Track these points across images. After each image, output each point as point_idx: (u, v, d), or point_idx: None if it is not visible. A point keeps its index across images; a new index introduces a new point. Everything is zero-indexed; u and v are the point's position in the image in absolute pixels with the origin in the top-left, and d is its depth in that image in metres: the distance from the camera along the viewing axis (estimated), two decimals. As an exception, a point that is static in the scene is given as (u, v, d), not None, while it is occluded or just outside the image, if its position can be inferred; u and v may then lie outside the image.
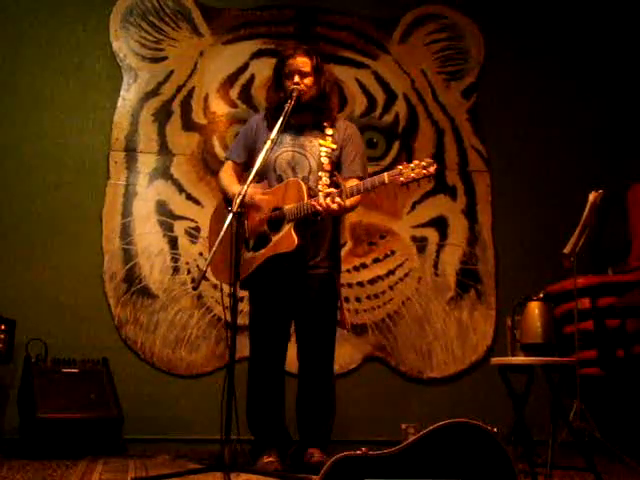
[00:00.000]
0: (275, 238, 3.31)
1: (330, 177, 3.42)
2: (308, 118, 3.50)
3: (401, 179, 3.03)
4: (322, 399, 3.50)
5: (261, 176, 3.49)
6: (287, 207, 3.29)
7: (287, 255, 3.26)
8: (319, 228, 3.37)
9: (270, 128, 3.37)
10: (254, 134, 3.57)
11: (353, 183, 3.35)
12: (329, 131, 3.49)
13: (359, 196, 3.35)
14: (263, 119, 3.58)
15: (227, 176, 3.58)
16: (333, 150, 3.46)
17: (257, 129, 3.57)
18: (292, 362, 3.59)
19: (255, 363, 3.50)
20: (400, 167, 3.06)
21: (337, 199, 3.17)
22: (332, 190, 3.23)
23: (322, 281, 3.43)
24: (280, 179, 3.45)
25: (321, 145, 3.45)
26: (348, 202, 3.28)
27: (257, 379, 3.48)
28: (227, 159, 3.70)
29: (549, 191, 4.99)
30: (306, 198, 3.25)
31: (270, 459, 3.33)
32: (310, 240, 3.34)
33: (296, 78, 3.41)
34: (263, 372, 3.47)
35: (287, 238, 3.26)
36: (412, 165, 3.03)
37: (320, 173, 3.40)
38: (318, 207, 3.18)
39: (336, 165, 3.49)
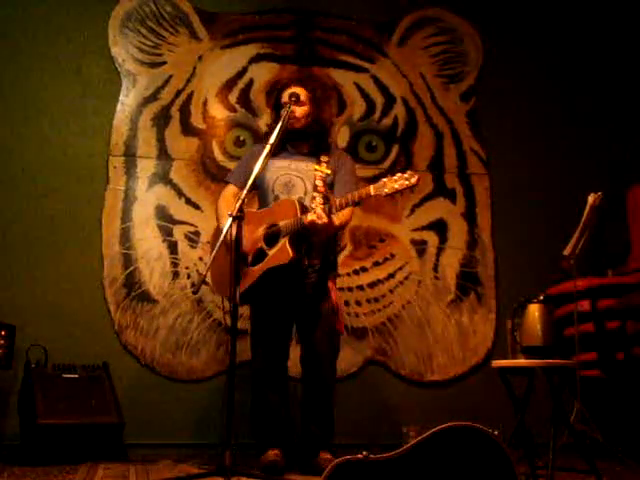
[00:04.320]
0: (271, 252, 3.47)
1: (324, 197, 3.60)
2: (305, 147, 3.74)
3: (385, 190, 3.20)
4: (326, 401, 3.66)
5: (259, 194, 3.74)
6: (282, 223, 3.47)
7: (283, 268, 3.42)
8: (314, 241, 3.53)
9: (271, 155, 3.49)
10: (253, 161, 3.56)
11: None
12: (324, 158, 3.71)
13: (349, 213, 3.61)
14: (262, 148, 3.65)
15: (225, 205, 3.67)
16: (328, 175, 3.68)
17: (257, 157, 3.55)
18: (293, 366, 3.71)
19: (258, 370, 3.63)
20: (384, 180, 3.22)
21: (320, 211, 3.34)
22: (321, 206, 3.41)
23: (315, 285, 3.58)
24: (277, 199, 3.65)
25: (316, 170, 3.67)
26: (337, 220, 3.52)
27: (261, 386, 3.62)
28: (228, 182, 3.85)
29: (548, 193, 4.99)
30: (299, 214, 3.43)
31: (275, 451, 3.49)
32: (305, 253, 3.50)
33: (292, 106, 3.56)
34: (266, 378, 3.61)
35: (282, 251, 3.42)
36: (395, 177, 3.20)
37: (314, 194, 3.61)
38: (305, 222, 3.36)
39: (330, 188, 3.68)
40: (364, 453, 2.13)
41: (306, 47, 4.94)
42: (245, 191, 3.13)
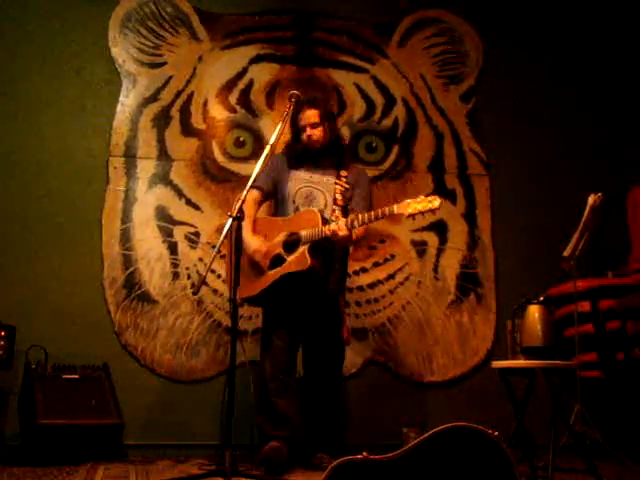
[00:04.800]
0: (290, 258, 3.58)
1: (342, 210, 3.74)
2: (326, 162, 3.86)
3: (408, 210, 3.32)
4: (333, 406, 3.82)
5: (278, 202, 3.89)
6: (303, 232, 3.58)
7: (300, 275, 3.52)
8: (332, 253, 3.65)
9: (290, 167, 3.85)
10: (277, 170, 3.87)
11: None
12: (344, 173, 3.85)
13: (363, 229, 3.69)
14: (285, 159, 3.89)
15: (246, 215, 3.60)
16: (347, 189, 3.81)
17: (280, 166, 3.87)
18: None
19: (266, 375, 3.70)
20: (408, 200, 3.34)
21: (341, 224, 3.45)
22: (343, 219, 3.54)
23: (327, 302, 3.70)
24: (297, 210, 3.77)
25: (336, 184, 3.81)
26: (354, 234, 3.59)
27: (267, 389, 3.67)
28: (252, 187, 3.78)
29: (548, 194, 4.99)
30: (320, 224, 3.54)
31: (277, 444, 3.52)
32: (322, 264, 3.60)
33: (308, 130, 3.78)
34: (274, 383, 3.68)
35: (301, 258, 3.53)
36: (418, 199, 3.32)
37: (334, 207, 3.75)
38: (327, 232, 3.48)
39: (348, 202, 3.81)
40: (364, 453, 2.13)
41: (306, 48, 4.94)
42: (245, 192, 3.15)
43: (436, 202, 3.26)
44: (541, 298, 3.45)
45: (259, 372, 3.73)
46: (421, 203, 3.29)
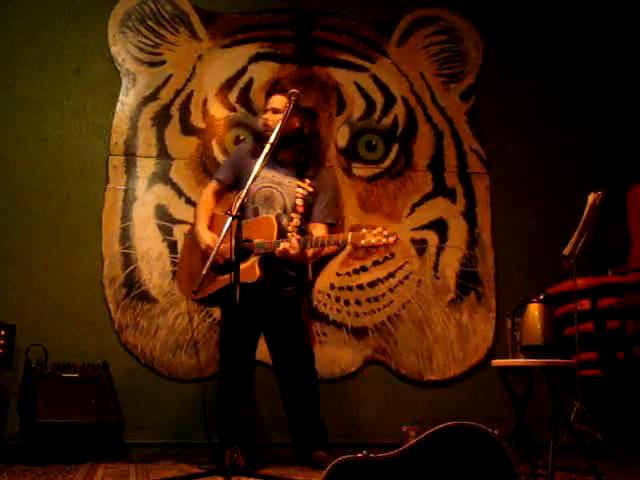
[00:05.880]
0: (240, 267, 3.41)
1: (301, 219, 3.63)
2: (288, 155, 3.69)
3: (362, 242, 3.19)
4: (311, 410, 3.72)
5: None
6: (257, 241, 3.49)
7: (247, 285, 3.37)
8: (287, 262, 3.53)
9: (253, 155, 3.56)
10: (240, 161, 3.76)
11: (320, 230, 3.62)
12: (310, 174, 3.69)
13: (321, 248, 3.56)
14: (250, 148, 3.79)
15: (204, 208, 3.76)
16: (309, 193, 3.66)
17: (243, 157, 3.76)
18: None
19: (224, 374, 3.64)
20: (364, 231, 3.20)
21: (294, 242, 3.38)
22: (298, 237, 3.45)
23: (288, 303, 3.64)
24: (256, 212, 3.67)
25: (299, 186, 3.66)
26: (310, 252, 3.51)
27: (226, 393, 3.56)
28: (214, 179, 3.87)
29: (548, 192, 4.99)
30: (275, 237, 3.47)
31: (240, 450, 3.39)
32: (273, 273, 3.53)
33: (267, 114, 3.65)
34: (232, 386, 3.55)
35: (251, 270, 3.45)
36: (375, 232, 3.19)
37: (292, 214, 3.63)
38: (278, 250, 3.40)
39: (309, 208, 3.68)
40: (364, 453, 2.13)
41: (306, 46, 4.94)
42: (245, 190, 3.09)
43: (391, 238, 3.16)
44: (541, 297, 3.45)
45: (217, 376, 3.73)
46: (377, 237, 3.17)
